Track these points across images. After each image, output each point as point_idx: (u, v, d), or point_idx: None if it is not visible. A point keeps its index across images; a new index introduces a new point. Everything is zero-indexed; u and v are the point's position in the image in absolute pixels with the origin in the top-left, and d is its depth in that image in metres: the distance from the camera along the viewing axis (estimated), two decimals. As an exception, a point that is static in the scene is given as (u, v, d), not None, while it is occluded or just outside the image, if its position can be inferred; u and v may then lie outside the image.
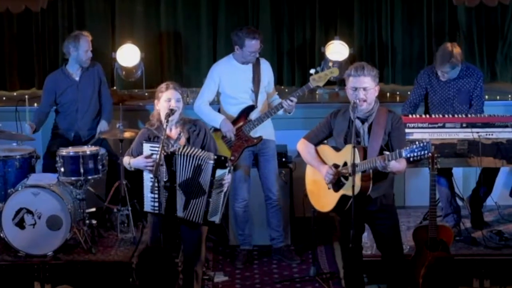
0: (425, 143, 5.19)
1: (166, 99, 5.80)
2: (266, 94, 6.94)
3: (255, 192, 7.00)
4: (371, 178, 5.40)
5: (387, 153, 5.34)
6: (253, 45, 6.73)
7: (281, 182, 7.07)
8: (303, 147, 5.76)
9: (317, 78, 6.84)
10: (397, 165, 5.33)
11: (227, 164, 5.74)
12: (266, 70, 6.94)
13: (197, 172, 5.69)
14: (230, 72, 6.84)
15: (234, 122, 6.84)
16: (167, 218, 5.69)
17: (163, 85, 5.89)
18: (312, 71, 6.93)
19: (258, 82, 6.84)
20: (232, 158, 6.78)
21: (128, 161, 5.88)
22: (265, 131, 6.88)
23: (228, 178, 5.78)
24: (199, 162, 5.69)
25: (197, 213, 5.71)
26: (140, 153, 5.80)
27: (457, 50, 6.89)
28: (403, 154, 5.23)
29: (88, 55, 7.38)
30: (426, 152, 5.18)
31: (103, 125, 7.42)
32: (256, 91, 6.83)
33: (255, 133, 6.84)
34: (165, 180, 5.68)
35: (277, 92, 7.13)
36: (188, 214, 5.71)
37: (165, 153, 5.64)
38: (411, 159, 5.25)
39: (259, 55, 6.89)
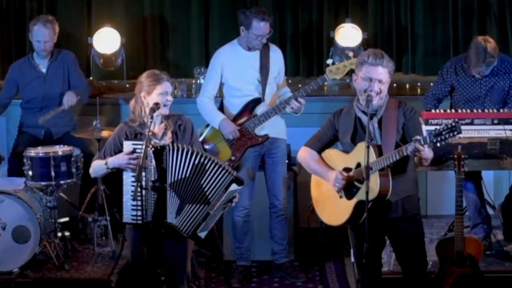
0: (453, 123, 5.19)
1: (162, 93, 5.70)
2: (276, 86, 6.93)
3: (257, 199, 6.98)
4: (390, 175, 5.40)
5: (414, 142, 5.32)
6: (261, 27, 6.71)
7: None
8: (305, 155, 5.73)
9: (334, 70, 6.77)
10: (427, 151, 5.32)
11: (242, 180, 5.71)
12: (277, 58, 6.91)
13: (199, 171, 5.59)
14: (234, 59, 6.83)
15: (237, 117, 6.81)
16: (152, 227, 5.63)
17: (153, 75, 5.74)
18: (329, 61, 6.90)
19: (266, 72, 6.82)
20: (233, 158, 6.77)
21: (101, 163, 5.69)
22: (274, 128, 6.85)
23: (238, 196, 5.75)
24: (202, 161, 5.62)
25: (190, 224, 5.65)
26: (117, 153, 5.69)
27: (491, 45, 6.87)
28: (429, 139, 5.21)
29: (40, 47, 7.33)
30: (455, 132, 5.18)
31: (69, 95, 7.24)
32: (263, 82, 6.81)
33: (261, 130, 6.82)
34: (153, 179, 5.61)
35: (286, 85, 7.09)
36: (181, 222, 5.66)
37: (152, 148, 5.57)
38: (438, 143, 5.24)
39: (268, 41, 6.86)
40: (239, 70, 6.82)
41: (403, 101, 5.64)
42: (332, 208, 5.64)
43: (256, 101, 6.82)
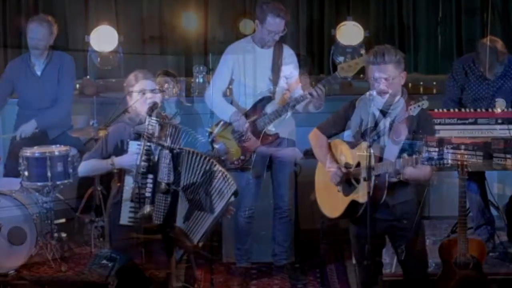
0: (446, 150, 5.17)
1: (140, 91, 5.71)
2: (287, 86, 6.92)
3: (259, 200, 6.96)
4: (386, 186, 5.38)
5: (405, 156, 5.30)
6: (275, 24, 6.70)
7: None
8: (315, 139, 5.76)
9: (346, 67, 6.75)
10: (414, 172, 5.30)
11: (238, 192, 5.71)
12: (289, 58, 6.90)
13: (208, 178, 5.59)
14: (247, 56, 6.82)
15: (247, 115, 6.81)
16: (146, 231, 5.61)
17: (133, 76, 5.77)
18: (340, 59, 6.87)
19: (278, 71, 6.82)
20: (242, 157, 6.77)
21: (103, 162, 5.69)
22: (284, 128, 6.84)
23: (234, 210, 5.77)
24: (212, 167, 5.60)
25: (196, 231, 5.64)
26: (118, 153, 5.68)
27: (498, 43, 6.90)
28: (419, 160, 5.20)
29: (33, 44, 7.31)
30: (444, 161, 5.16)
31: (28, 125, 7.26)
32: (274, 81, 6.82)
33: (270, 129, 6.82)
34: (168, 182, 5.56)
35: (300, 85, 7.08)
36: (189, 228, 5.65)
37: (168, 150, 5.55)
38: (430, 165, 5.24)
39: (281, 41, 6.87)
40: (252, 68, 6.81)
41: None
42: (329, 199, 5.66)
43: (267, 100, 6.81)
